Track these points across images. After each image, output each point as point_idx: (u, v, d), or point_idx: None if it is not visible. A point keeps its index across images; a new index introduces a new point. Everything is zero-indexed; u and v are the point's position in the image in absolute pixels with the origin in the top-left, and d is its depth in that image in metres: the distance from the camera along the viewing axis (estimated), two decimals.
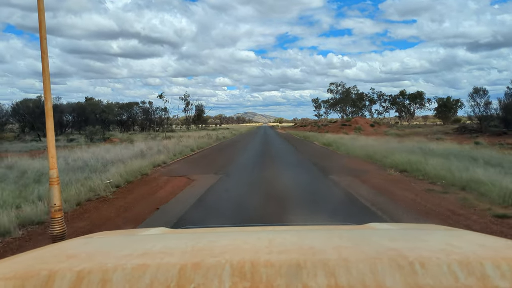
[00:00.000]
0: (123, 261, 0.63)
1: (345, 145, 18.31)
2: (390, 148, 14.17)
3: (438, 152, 12.04)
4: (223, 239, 0.81)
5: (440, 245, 0.73)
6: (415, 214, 5.31)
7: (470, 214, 5.24)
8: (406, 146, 14.95)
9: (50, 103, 1.76)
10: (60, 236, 1.67)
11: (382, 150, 13.31)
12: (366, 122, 58.62)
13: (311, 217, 5.05)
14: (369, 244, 0.72)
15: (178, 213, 5.56)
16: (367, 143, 18.98)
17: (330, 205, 6.11)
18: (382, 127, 58.14)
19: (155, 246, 0.76)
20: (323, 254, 0.63)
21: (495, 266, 0.59)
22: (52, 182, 1.74)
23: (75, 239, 1.08)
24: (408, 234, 0.99)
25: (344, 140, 22.24)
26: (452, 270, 0.58)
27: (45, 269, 0.62)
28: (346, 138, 25.20)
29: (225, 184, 8.13)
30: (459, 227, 1.13)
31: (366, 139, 24.53)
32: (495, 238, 0.83)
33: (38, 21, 1.70)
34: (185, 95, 73.50)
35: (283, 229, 1.11)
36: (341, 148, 17.51)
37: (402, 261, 0.60)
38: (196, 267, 0.60)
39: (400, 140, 21.14)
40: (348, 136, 30.11)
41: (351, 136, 29.57)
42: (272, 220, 4.90)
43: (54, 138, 1.76)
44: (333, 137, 28.26)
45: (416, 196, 6.55)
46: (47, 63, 1.75)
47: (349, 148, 16.80)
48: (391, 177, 8.97)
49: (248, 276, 0.57)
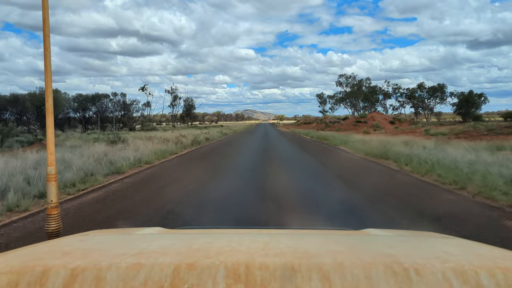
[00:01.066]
0: (117, 260, 0.63)
1: (420, 159, 9.46)
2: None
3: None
4: (218, 241, 0.79)
5: (436, 252, 0.71)
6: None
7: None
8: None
9: (51, 100, 1.69)
10: (55, 233, 1.63)
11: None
12: (384, 119, 49.58)
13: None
14: (365, 250, 0.72)
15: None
16: (446, 153, 10.20)
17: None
18: (404, 124, 49.15)
19: (150, 245, 0.74)
20: (318, 258, 0.63)
21: (490, 275, 0.58)
22: (49, 179, 1.67)
23: (70, 236, 1.05)
24: (404, 240, 0.95)
25: (391, 146, 13.26)
26: (446, 278, 0.57)
27: (39, 265, 0.62)
28: (381, 141, 16.54)
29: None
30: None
31: (412, 140, 15.81)
32: (491, 248, 0.81)
33: (42, 19, 1.65)
34: (172, 87, 63.31)
35: (278, 232, 1.12)
36: (424, 168, 8.56)
37: (397, 268, 0.59)
38: (190, 268, 0.59)
39: (473, 145, 12.43)
40: (377, 137, 21.31)
41: (381, 139, 20.50)
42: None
43: (54, 136, 1.70)
44: (360, 139, 19.55)
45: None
46: (49, 61, 1.70)
47: (445, 167, 7.95)
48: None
49: (242, 278, 0.57)
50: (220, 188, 6.99)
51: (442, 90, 66.66)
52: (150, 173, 9.37)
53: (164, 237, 0.97)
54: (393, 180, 8.17)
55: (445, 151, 10.69)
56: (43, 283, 0.58)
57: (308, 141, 23.48)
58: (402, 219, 4.77)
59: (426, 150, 11.59)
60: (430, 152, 10.86)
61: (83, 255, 0.68)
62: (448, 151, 10.59)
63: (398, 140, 16.82)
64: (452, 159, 9.15)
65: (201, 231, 1.23)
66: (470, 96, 64.97)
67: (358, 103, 73.31)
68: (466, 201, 5.76)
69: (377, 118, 48.80)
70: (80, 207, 5.61)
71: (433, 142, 14.81)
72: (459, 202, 5.74)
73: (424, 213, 5.05)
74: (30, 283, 0.58)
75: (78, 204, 5.80)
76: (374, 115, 50.34)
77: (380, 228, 1.43)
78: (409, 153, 10.91)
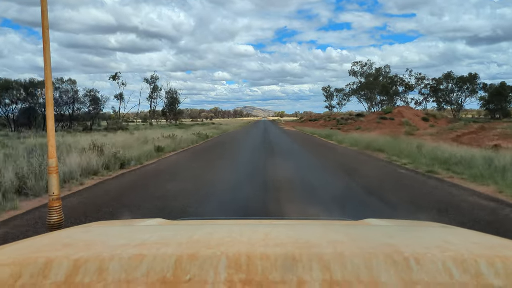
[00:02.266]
0: (119, 251, 0.63)
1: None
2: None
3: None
4: (219, 231, 0.78)
5: (436, 242, 0.71)
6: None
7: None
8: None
9: (51, 92, 1.71)
10: (57, 225, 1.63)
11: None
12: (414, 115, 39.05)
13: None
14: (365, 239, 0.71)
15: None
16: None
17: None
18: (441, 122, 38.67)
19: (151, 236, 0.74)
20: (319, 248, 0.63)
21: (490, 264, 0.59)
22: (51, 171, 1.67)
23: (72, 228, 1.07)
24: (404, 230, 0.96)
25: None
26: (446, 267, 0.58)
27: (42, 256, 0.62)
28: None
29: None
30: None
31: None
32: (491, 237, 0.82)
33: (41, 11, 1.64)
34: (152, 76, 51.27)
35: (279, 223, 1.11)
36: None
37: (397, 257, 0.60)
38: (192, 258, 0.59)
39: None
40: (458, 148, 11.21)
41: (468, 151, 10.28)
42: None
43: (54, 128, 1.66)
44: (448, 150, 9.53)
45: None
46: (48, 53, 1.70)
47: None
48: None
49: (243, 268, 0.57)
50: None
51: (473, 80, 55.93)
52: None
53: (165, 228, 0.94)
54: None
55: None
56: (46, 275, 0.58)
57: (362, 161, 11.51)
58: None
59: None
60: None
61: (85, 247, 0.68)
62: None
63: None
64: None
65: (202, 222, 1.23)
66: (502, 88, 54.61)
67: (375, 96, 61.94)
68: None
69: (406, 113, 38.32)
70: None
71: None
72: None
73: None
74: (33, 274, 0.58)
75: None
76: (401, 110, 39.76)
77: (379, 218, 1.35)
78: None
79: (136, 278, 0.57)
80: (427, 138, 18.58)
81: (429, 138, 18.82)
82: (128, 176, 8.35)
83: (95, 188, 6.86)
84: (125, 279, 0.57)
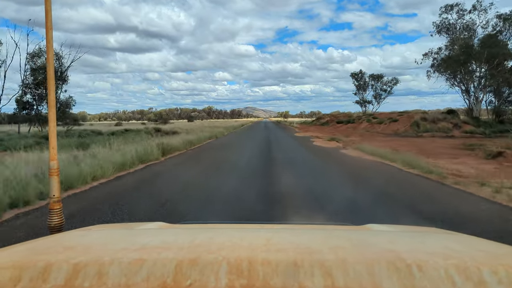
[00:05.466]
0: (119, 255, 0.63)
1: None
2: None
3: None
4: (220, 236, 0.78)
5: (439, 248, 0.71)
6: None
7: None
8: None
9: (53, 93, 1.69)
10: (57, 228, 1.64)
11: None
12: None
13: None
14: (367, 246, 0.71)
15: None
16: None
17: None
18: None
19: (152, 241, 0.74)
20: (321, 254, 0.62)
21: (493, 272, 0.58)
22: (52, 173, 1.66)
23: (72, 231, 1.07)
24: (406, 236, 0.94)
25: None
26: (449, 275, 0.57)
27: (42, 260, 0.62)
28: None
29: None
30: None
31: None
32: (494, 244, 0.80)
33: (45, 11, 1.62)
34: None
35: (280, 228, 1.11)
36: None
37: (399, 264, 0.59)
38: (193, 263, 0.59)
39: None
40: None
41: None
42: None
43: (56, 129, 1.64)
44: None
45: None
46: (52, 54, 1.70)
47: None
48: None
49: (245, 273, 0.57)
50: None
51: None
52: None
53: (166, 232, 0.94)
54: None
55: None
56: (45, 278, 0.58)
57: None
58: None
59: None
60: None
61: (85, 250, 0.67)
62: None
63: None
64: None
65: (203, 226, 1.22)
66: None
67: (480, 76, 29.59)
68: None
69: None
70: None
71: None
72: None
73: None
74: (32, 278, 0.58)
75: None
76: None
77: (382, 224, 1.34)
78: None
79: (136, 283, 0.56)
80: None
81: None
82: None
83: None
84: (125, 283, 0.57)
